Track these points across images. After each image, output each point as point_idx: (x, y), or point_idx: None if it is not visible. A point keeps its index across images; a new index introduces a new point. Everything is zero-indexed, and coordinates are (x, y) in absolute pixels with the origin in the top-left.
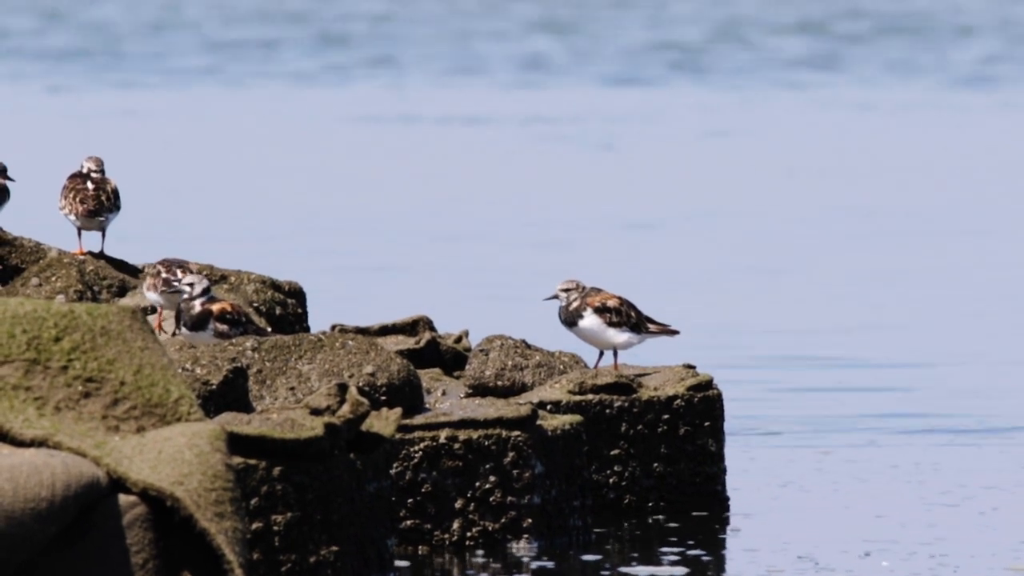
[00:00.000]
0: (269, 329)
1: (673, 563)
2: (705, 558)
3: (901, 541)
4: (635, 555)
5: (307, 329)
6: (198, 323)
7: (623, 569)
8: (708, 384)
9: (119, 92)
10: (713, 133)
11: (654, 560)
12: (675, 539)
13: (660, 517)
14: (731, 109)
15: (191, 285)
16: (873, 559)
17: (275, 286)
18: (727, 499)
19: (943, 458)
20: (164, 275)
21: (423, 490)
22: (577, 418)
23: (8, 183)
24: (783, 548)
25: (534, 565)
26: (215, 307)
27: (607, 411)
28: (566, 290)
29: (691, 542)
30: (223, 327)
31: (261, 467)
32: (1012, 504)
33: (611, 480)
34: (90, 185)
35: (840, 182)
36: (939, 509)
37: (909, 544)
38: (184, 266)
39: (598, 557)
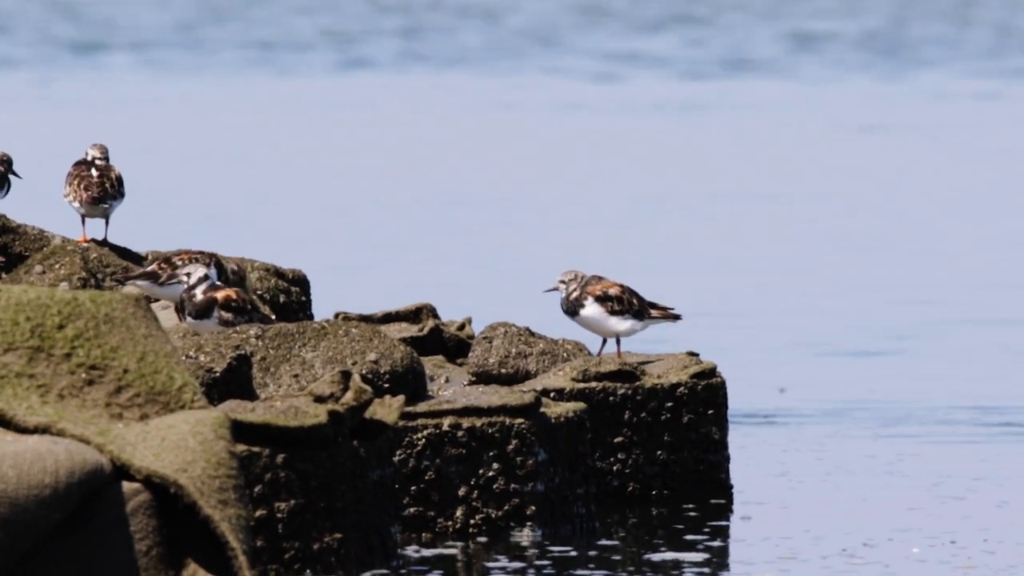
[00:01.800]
0: (273, 316)
1: (684, 549)
2: (715, 544)
3: (924, 529)
4: (650, 541)
5: (311, 317)
6: (203, 311)
7: (647, 556)
8: (711, 372)
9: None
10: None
11: (666, 546)
12: (681, 526)
13: (664, 505)
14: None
15: (188, 275)
16: (902, 545)
17: (279, 274)
18: (731, 487)
19: (921, 450)
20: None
21: (426, 477)
22: (580, 406)
23: (12, 176)
24: (791, 535)
25: (542, 552)
26: (219, 295)
27: (610, 399)
28: (565, 281)
29: (701, 529)
30: (227, 315)
31: (265, 454)
32: (1020, 498)
33: (614, 468)
34: (94, 172)
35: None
36: (951, 502)
37: (932, 532)
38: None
39: (614, 543)
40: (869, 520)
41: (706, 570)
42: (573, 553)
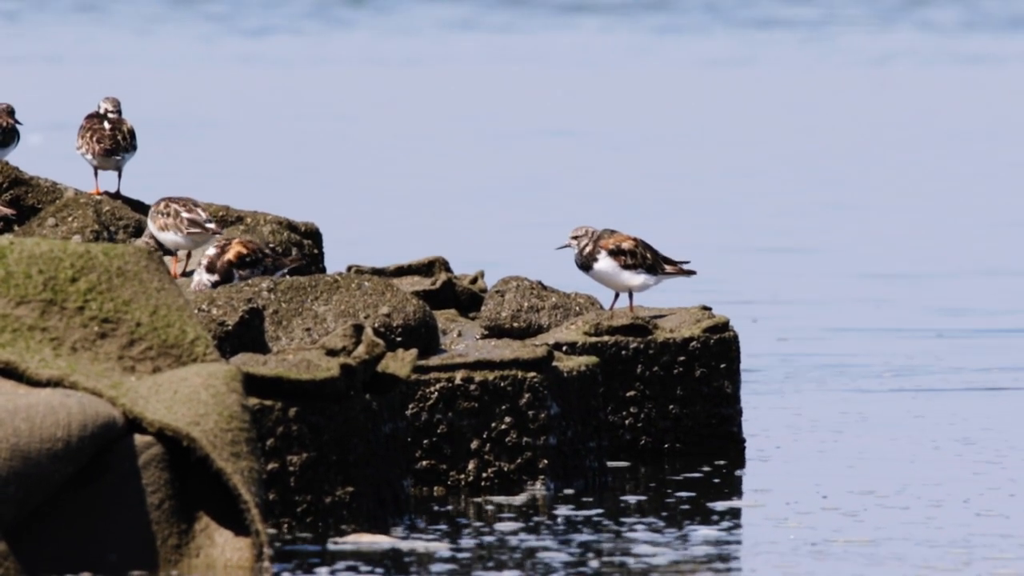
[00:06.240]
0: (290, 257)
1: (696, 503)
2: (727, 498)
3: (958, 483)
4: (662, 495)
5: (323, 270)
6: (223, 277)
7: (659, 509)
8: (724, 326)
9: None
10: None
11: (678, 500)
12: (693, 480)
13: (676, 459)
14: None
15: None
16: (941, 499)
17: (291, 227)
18: (743, 441)
19: (933, 405)
20: (186, 215)
21: (439, 431)
22: (593, 359)
23: (17, 125)
24: (805, 487)
25: (554, 505)
26: (231, 254)
27: (623, 352)
28: (576, 237)
29: (713, 483)
30: (243, 272)
31: (277, 408)
32: None
33: (627, 421)
34: (107, 125)
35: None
36: (981, 458)
37: (979, 488)
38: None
39: (625, 497)
40: (882, 474)
41: (718, 523)
42: (585, 507)
